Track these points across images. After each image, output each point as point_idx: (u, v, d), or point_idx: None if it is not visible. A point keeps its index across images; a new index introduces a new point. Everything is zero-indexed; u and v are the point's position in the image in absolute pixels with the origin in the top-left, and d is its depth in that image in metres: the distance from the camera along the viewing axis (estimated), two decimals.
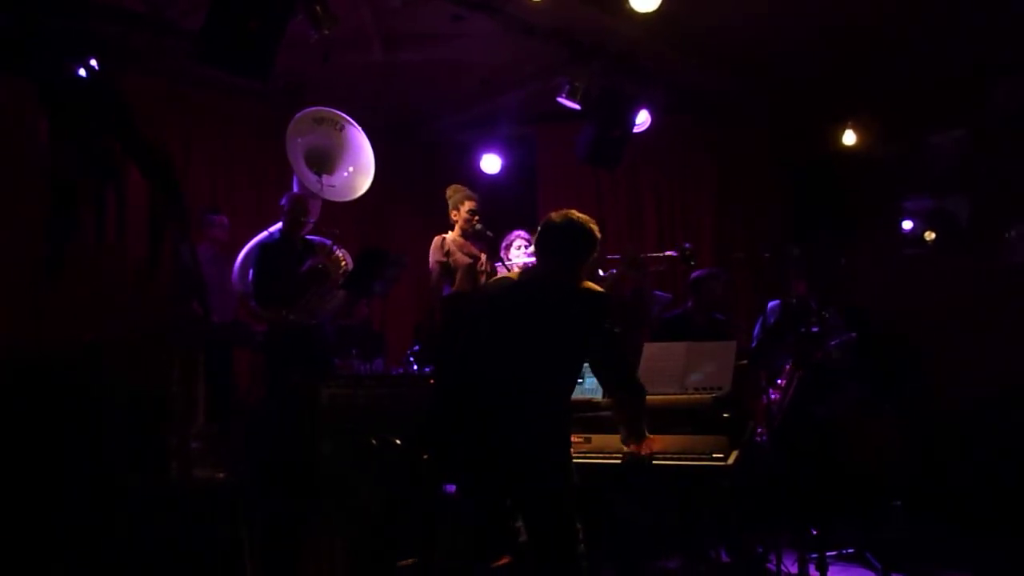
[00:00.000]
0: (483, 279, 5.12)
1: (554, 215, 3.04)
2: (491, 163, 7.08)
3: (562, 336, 2.85)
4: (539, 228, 3.01)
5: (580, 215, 3.03)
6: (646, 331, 5.30)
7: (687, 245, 5.32)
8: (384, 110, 7.03)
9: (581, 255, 2.98)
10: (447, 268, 5.02)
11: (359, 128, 5.42)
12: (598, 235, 3.01)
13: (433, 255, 5.06)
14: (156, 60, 5.67)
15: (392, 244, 6.67)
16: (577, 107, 5.82)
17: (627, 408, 3.01)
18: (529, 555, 2.81)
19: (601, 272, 5.07)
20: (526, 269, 3.23)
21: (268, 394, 4.63)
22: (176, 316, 3.42)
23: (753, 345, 4.94)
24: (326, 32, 4.52)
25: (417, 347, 5.14)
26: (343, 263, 4.93)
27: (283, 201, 4.99)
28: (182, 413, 3.18)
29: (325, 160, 5.26)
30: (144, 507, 2.72)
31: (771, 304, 5.07)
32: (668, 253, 5.37)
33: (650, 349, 4.07)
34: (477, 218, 5.12)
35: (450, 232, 5.19)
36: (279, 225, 5.06)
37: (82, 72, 3.30)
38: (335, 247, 4.93)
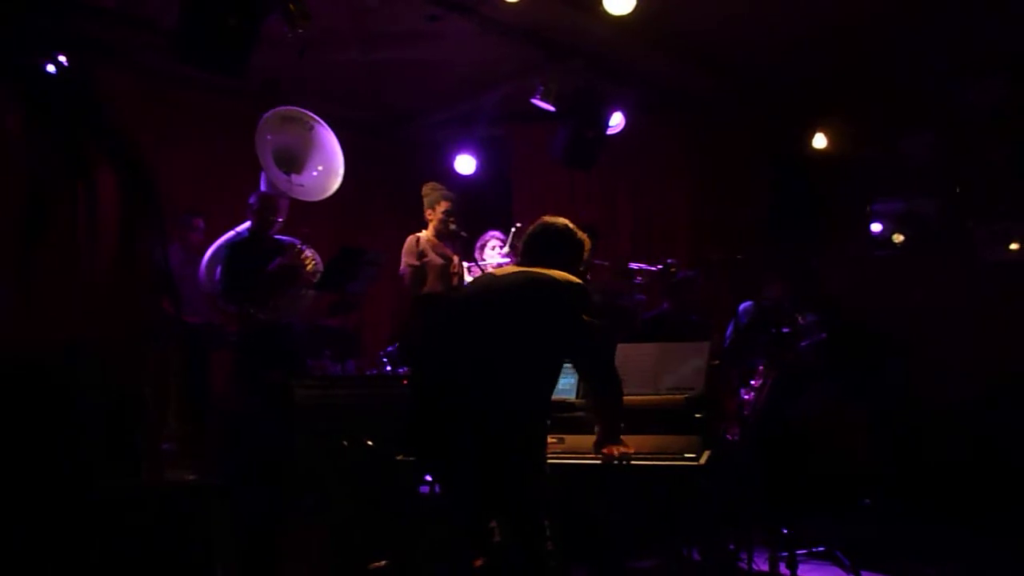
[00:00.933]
0: (455, 280, 5.15)
1: (547, 219, 3.06)
2: (466, 163, 7.12)
3: (540, 329, 2.85)
4: (522, 236, 3.04)
5: (567, 223, 3.06)
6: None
7: (671, 261, 5.42)
8: (361, 109, 7.05)
9: (567, 261, 3.01)
10: (419, 272, 5.04)
11: (328, 129, 5.45)
12: (586, 243, 3.05)
13: (405, 257, 5.07)
14: (132, 57, 5.64)
15: (369, 242, 6.64)
16: (551, 108, 5.88)
17: (604, 405, 3.02)
18: (503, 556, 2.83)
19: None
20: (506, 268, 3.27)
21: (242, 394, 4.66)
22: (149, 317, 3.42)
23: (725, 345, 4.99)
24: (300, 30, 4.54)
25: (391, 348, 5.15)
26: (311, 262, 4.96)
27: (251, 199, 4.99)
28: (155, 414, 3.17)
29: (294, 159, 5.28)
30: (115, 509, 2.72)
31: (743, 305, 5.13)
32: (651, 268, 5.47)
33: (624, 350, 4.07)
34: (452, 219, 5.14)
35: (424, 231, 5.20)
36: (247, 224, 5.06)
37: (53, 68, 3.30)
38: (304, 247, 4.94)
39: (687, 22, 5.44)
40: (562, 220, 3.07)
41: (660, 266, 5.39)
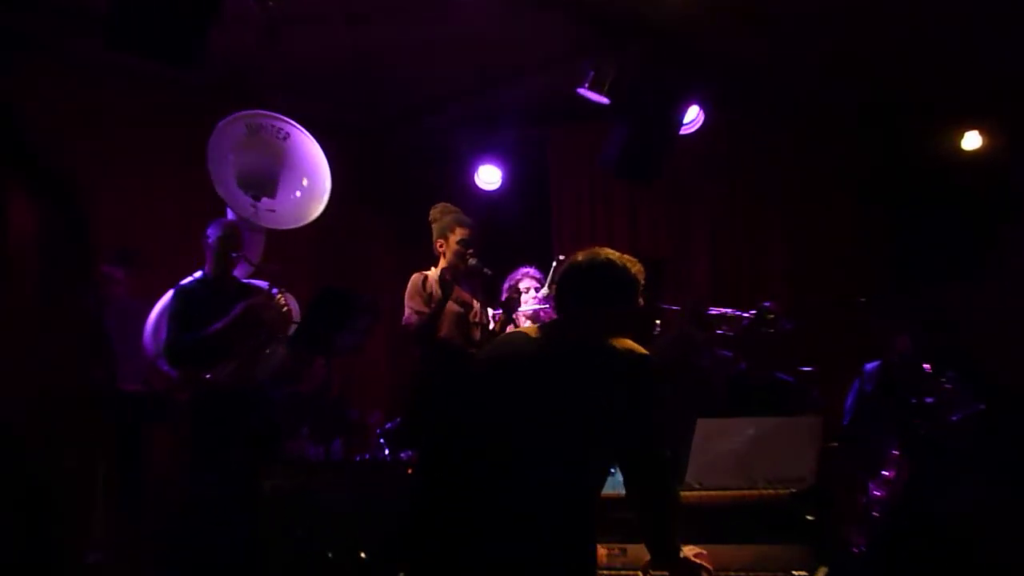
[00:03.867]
0: (477, 333, 5.16)
1: (580, 255, 3.07)
2: (489, 176, 7.11)
3: (591, 413, 2.86)
4: (559, 272, 3.05)
5: (615, 254, 3.06)
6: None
7: (767, 304, 5.38)
8: (350, 108, 7.12)
9: (618, 307, 3.02)
10: (430, 321, 5.02)
11: (309, 135, 5.48)
12: (641, 280, 3.04)
13: (411, 302, 5.07)
14: (55, 51, 5.78)
15: (361, 284, 6.72)
16: (604, 101, 5.90)
17: (652, 509, 2.97)
18: None
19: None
20: (545, 325, 3.28)
21: (193, 484, 4.65)
22: (74, 384, 3.44)
23: (846, 421, 4.95)
24: (271, 3, 4.60)
25: (390, 424, 5.15)
26: (285, 309, 4.96)
27: (209, 231, 5.04)
28: (78, 511, 3.18)
29: (264, 180, 5.34)
30: None
31: (869, 366, 5.11)
32: (742, 313, 5.44)
33: (705, 428, 4.08)
34: (471, 251, 5.15)
35: (434, 268, 5.21)
36: (199, 273, 5.08)
37: None
38: (275, 289, 4.97)
39: None
40: (606, 252, 3.06)
41: (752, 312, 5.37)
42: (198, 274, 5.07)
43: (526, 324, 5.30)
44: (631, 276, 3.03)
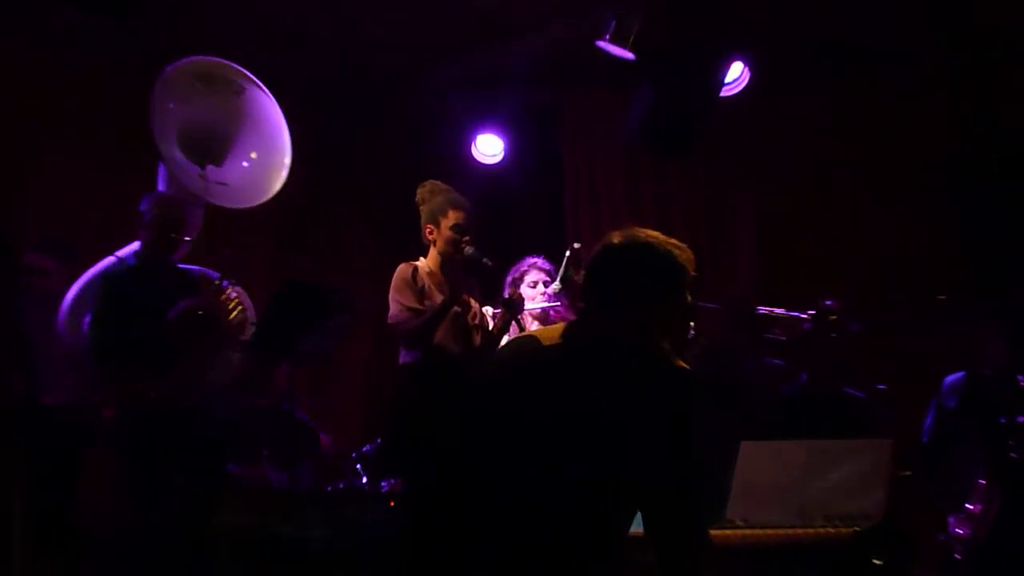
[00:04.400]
0: (478, 338, 5.13)
1: (616, 236, 3.01)
2: (490, 147, 7.09)
3: (623, 437, 2.79)
4: (581, 265, 3.01)
5: (659, 236, 3.00)
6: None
7: (828, 303, 5.31)
8: (322, 66, 7.08)
9: (660, 303, 2.96)
10: (418, 318, 4.97)
11: (268, 93, 5.46)
12: (691, 270, 2.98)
13: (399, 295, 5.03)
14: None
15: (333, 276, 6.73)
16: (628, 57, 5.85)
17: (674, 564, 2.89)
18: None
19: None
20: (568, 326, 3.23)
21: (129, 517, 4.61)
22: None
23: (924, 442, 4.97)
24: None
25: (369, 447, 5.13)
26: (237, 308, 4.93)
27: (143, 206, 4.99)
28: None
29: (212, 141, 5.31)
30: None
31: (950, 379, 5.10)
32: (797, 314, 5.40)
33: (751, 453, 4.10)
34: (467, 238, 5.11)
35: (423, 259, 5.20)
36: (135, 246, 5.04)
37: None
38: (225, 282, 4.92)
39: None
40: (647, 233, 3.01)
41: (810, 313, 5.31)
42: (128, 253, 5.02)
43: (534, 326, 5.29)
44: (678, 264, 2.98)
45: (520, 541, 2.77)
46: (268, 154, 5.45)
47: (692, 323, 5.12)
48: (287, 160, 5.45)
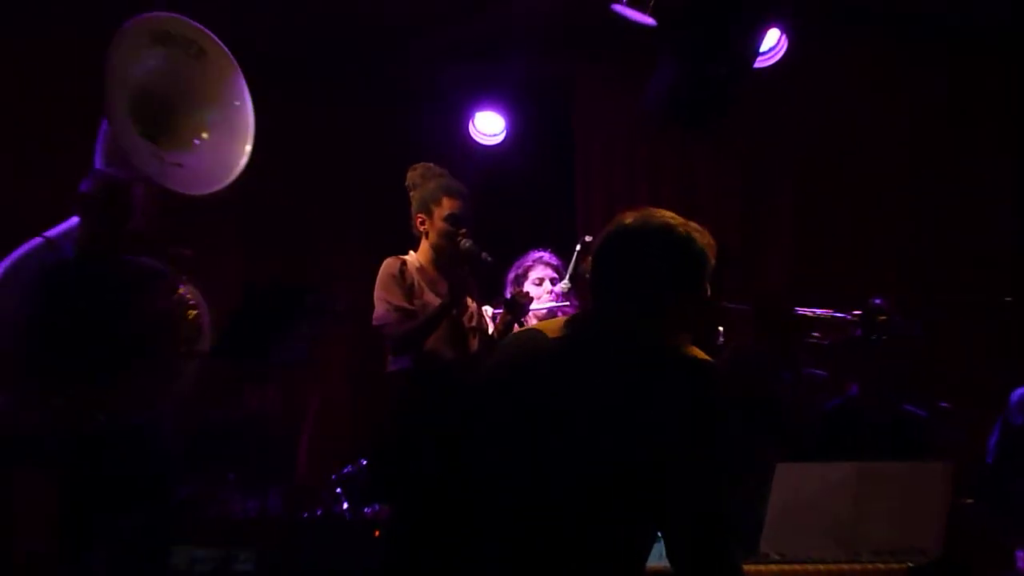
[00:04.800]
0: (475, 343, 5.14)
1: (629, 217, 2.99)
2: (489, 124, 7.15)
3: (635, 444, 2.78)
4: (597, 242, 2.98)
5: (676, 218, 2.97)
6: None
7: (877, 302, 5.27)
8: (294, 30, 7.07)
9: (677, 293, 2.93)
10: (410, 321, 4.97)
11: (231, 57, 5.45)
12: (712, 258, 2.96)
13: (386, 293, 5.02)
14: None
15: (308, 274, 6.77)
16: (648, 22, 5.83)
17: None
18: None
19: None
20: (573, 319, 3.22)
21: (67, 555, 4.58)
22: None
23: (988, 463, 4.98)
24: None
25: (350, 468, 5.14)
26: (193, 309, 4.91)
27: (83, 186, 4.93)
28: None
29: (167, 112, 5.31)
30: None
31: (1019, 393, 5.06)
32: (842, 315, 5.34)
33: (788, 476, 4.08)
34: (464, 230, 5.10)
35: (413, 252, 5.20)
36: (69, 224, 4.98)
37: None
38: (181, 281, 4.94)
39: None
40: (662, 214, 2.99)
41: (856, 313, 5.29)
42: (60, 229, 4.97)
43: None
44: (698, 250, 2.96)
45: (527, 556, 2.80)
46: (231, 127, 5.43)
47: (720, 327, 5.14)
48: (250, 136, 5.42)
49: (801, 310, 5.50)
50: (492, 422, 2.97)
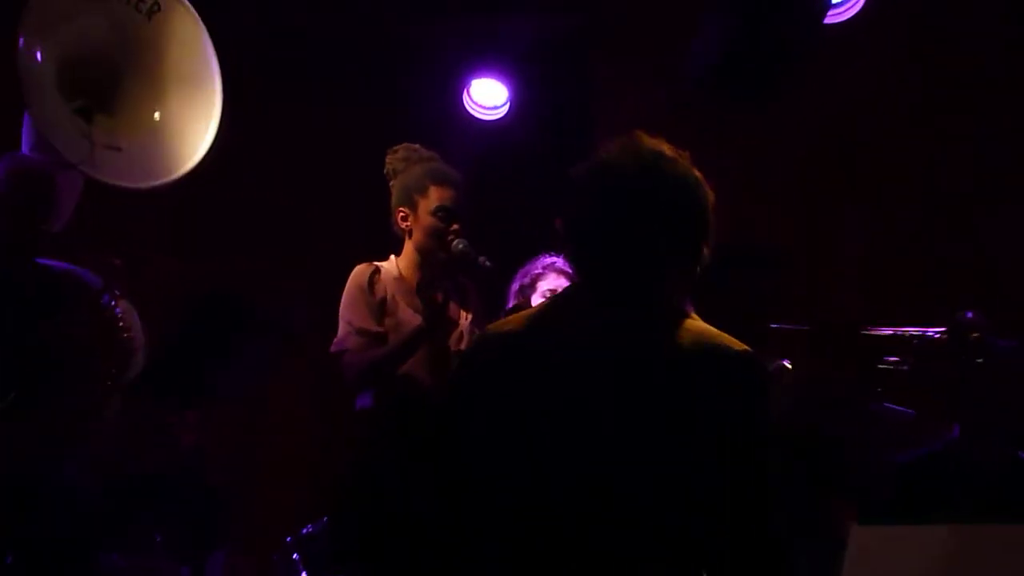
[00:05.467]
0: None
1: (608, 148, 3.11)
2: (488, 96, 7.22)
3: (677, 445, 2.86)
4: (573, 184, 3.08)
5: (666, 146, 3.08)
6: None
7: (968, 315, 5.26)
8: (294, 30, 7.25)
9: (690, 255, 3.00)
10: (372, 344, 5.00)
11: (197, 17, 5.44)
12: (711, 200, 3.04)
13: (350, 313, 5.10)
14: None
15: (259, 288, 6.76)
16: None
17: None
18: None
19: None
20: (555, 297, 3.40)
21: None
22: None
23: None
24: None
25: (310, 528, 5.19)
26: (124, 330, 4.90)
27: None
28: None
29: (104, 83, 5.32)
30: None
31: None
32: (923, 331, 5.33)
33: (867, 540, 3.97)
34: (456, 227, 5.13)
35: (394, 256, 5.26)
36: None
37: None
38: (109, 295, 4.94)
39: None
40: (650, 142, 3.14)
41: (942, 330, 5.26)
42: None
43: None
44: (706, 197, 3.08)
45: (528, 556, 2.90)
46: (189, 104, 5.44)
47: (785, 359, 5.12)
48: (215, 114, 5.43)
49: (874, 330, 5.54)
50: (489, 426, 3.02)
